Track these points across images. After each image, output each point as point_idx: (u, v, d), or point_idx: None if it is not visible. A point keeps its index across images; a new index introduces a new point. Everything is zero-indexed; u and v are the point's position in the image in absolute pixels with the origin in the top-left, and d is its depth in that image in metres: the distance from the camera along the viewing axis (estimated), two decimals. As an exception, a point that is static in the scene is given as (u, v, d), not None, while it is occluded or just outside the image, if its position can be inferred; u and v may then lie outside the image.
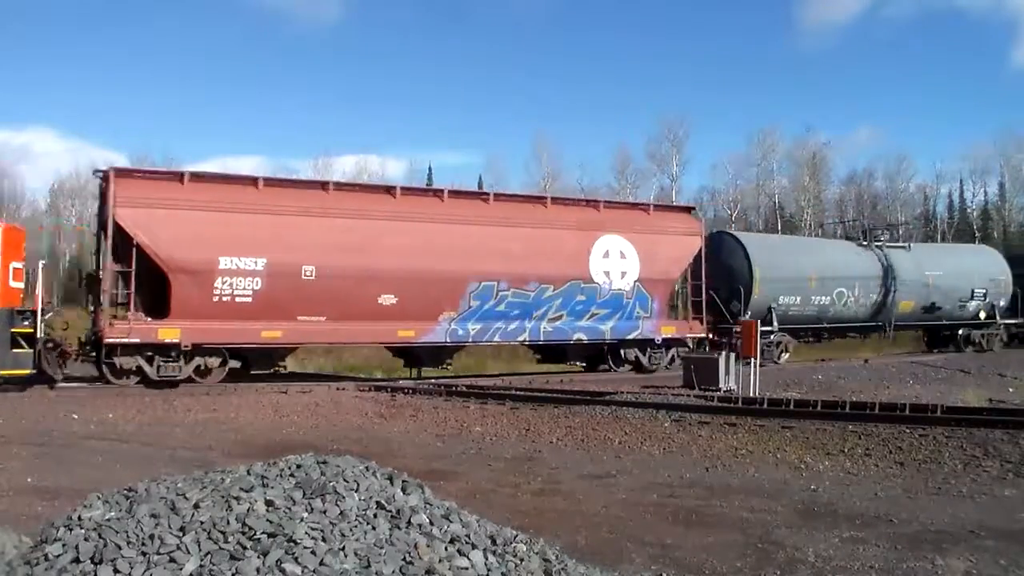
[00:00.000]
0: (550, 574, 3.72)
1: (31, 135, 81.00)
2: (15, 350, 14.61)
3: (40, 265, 16.21)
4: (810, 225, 55.47)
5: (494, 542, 3.79)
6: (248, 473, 3.92)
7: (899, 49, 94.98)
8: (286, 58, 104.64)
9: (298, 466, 4.03)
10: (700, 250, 21.37)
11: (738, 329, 19.52)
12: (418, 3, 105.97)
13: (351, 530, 3.48)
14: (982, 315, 27.25)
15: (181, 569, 3.14)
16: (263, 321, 16.61)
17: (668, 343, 21.10)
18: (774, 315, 22.50)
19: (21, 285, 15.44)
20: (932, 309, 26.36)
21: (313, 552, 3.26)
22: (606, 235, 20.14)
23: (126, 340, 15.62)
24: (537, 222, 19.51)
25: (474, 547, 3.62)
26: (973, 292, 26.74)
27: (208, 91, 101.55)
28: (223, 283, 16.25)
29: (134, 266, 15.72)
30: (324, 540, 3.36)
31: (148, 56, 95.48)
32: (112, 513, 3.56)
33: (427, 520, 3.73)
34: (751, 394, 15.06)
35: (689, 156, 78.62)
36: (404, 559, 3.37)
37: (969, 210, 63.83)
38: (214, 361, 16.73)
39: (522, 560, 3.70)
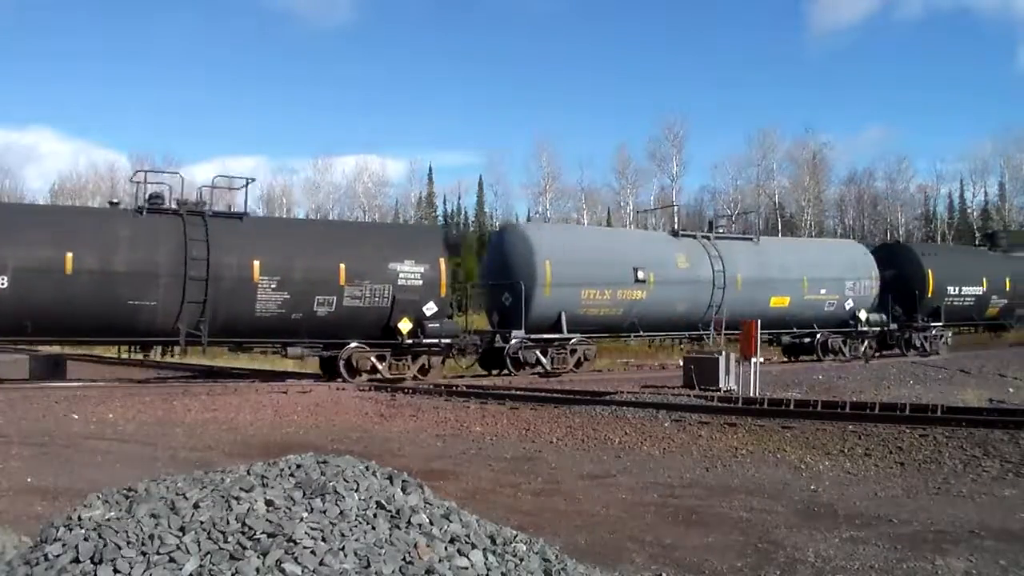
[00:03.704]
0: (550, 574, 3.72)
1: (31, 135, 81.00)
2: None
3: None
4: (810, 225, 55.46)
5: (494, 542, 3.78)
6: (248, 473, 3.91)
7: (902, 50, 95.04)
8: (286, 58, 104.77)
9: (298, 466, 4.02)
10: None
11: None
12: (419, 4, 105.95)
13: (351, 530, 3.47)
14: None
15: (181, 569, 3.13)
16: None
17: None
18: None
19: None
20: None
21: (313, 552, 3.25)
22: None
23: None
24: None
25: (474, 547, 3.61)
26: None
27: (209, 91, 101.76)
28: None
29: None
30: (324, 540, 3.35)
31: (149, 56, 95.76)
32: (112, 513, 3.55)
33: (427, 520, 3.72)
34: (751, 394, 15.06)
35: (689, 156, 78.72)
36: (404, 559, 3.36)
37: (969, 210, 63.77)
38: None
39: (522, 560, 3.69)
